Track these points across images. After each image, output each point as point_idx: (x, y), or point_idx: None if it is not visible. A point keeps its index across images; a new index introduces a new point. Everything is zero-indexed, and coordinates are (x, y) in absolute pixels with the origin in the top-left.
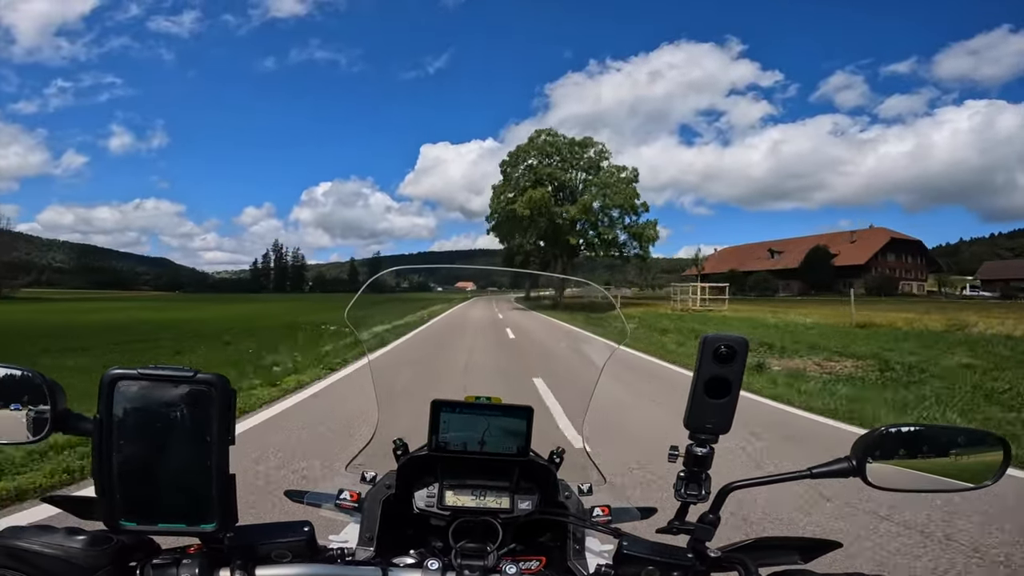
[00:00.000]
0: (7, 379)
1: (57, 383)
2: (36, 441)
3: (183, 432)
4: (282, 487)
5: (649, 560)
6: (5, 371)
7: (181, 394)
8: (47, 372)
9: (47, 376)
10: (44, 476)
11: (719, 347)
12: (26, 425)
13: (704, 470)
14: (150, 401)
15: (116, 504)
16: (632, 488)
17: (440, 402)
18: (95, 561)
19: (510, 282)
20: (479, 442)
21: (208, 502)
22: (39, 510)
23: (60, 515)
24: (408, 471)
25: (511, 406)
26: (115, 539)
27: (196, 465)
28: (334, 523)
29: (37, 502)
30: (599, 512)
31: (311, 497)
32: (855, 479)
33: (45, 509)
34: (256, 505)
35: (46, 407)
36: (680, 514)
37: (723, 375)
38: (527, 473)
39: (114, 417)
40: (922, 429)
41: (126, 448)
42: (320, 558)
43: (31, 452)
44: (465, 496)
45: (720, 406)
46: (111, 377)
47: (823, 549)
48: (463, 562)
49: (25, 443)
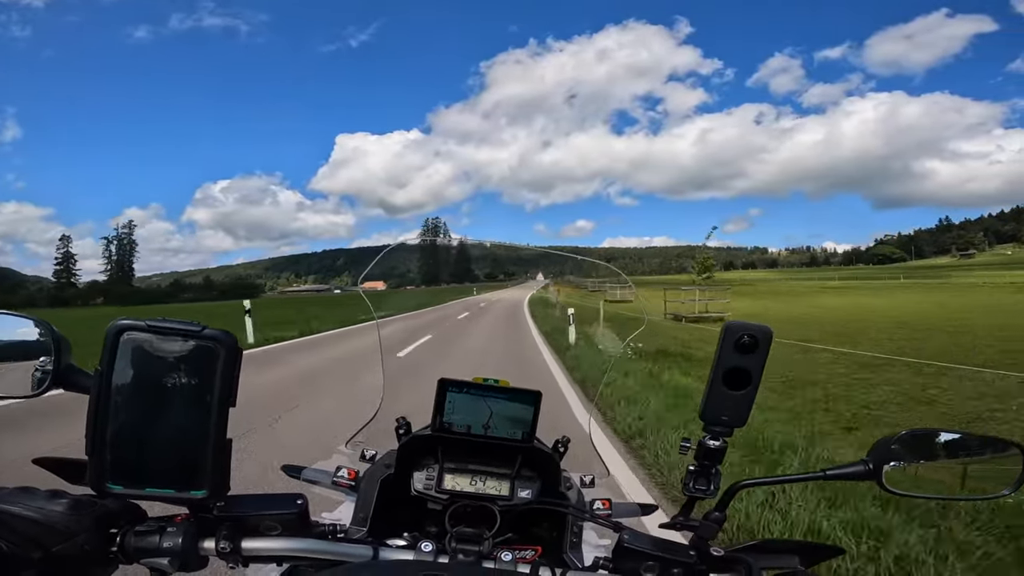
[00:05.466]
0: (17, 330)
1: (64, 337)
2: (34, 395)
3: (184, 391)
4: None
5: (649, 555)
6: (16, 321)
7: (186, 349)
8: None
9: (54, 328)
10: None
11: (741, 336)
12: (30, 379)
13: (715, 464)
14: (154, 355)
15: (105, 466)
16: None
17: (447, 381)
18: (74, 525)
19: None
20: (484, 425)
21: (201, 468)
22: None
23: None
24: (408, 451)
25: (519, 390)
26: (98, 503)
27: (193, 427)
28: (330, 501)
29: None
30: (600, 505)
31: (308, 473)
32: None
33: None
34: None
35: (50, 361)
36: (686, 509)
37: (744, 366)
38: (529, 460)
39: (115, 371)
40: (942, 434)
41: (123, 406)
42: (310, 533)
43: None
44: (464, 480)
45: (738, 398)
46: (117, 328)
47: (825, 554)
48: (457, 546)
49: (23, 397)
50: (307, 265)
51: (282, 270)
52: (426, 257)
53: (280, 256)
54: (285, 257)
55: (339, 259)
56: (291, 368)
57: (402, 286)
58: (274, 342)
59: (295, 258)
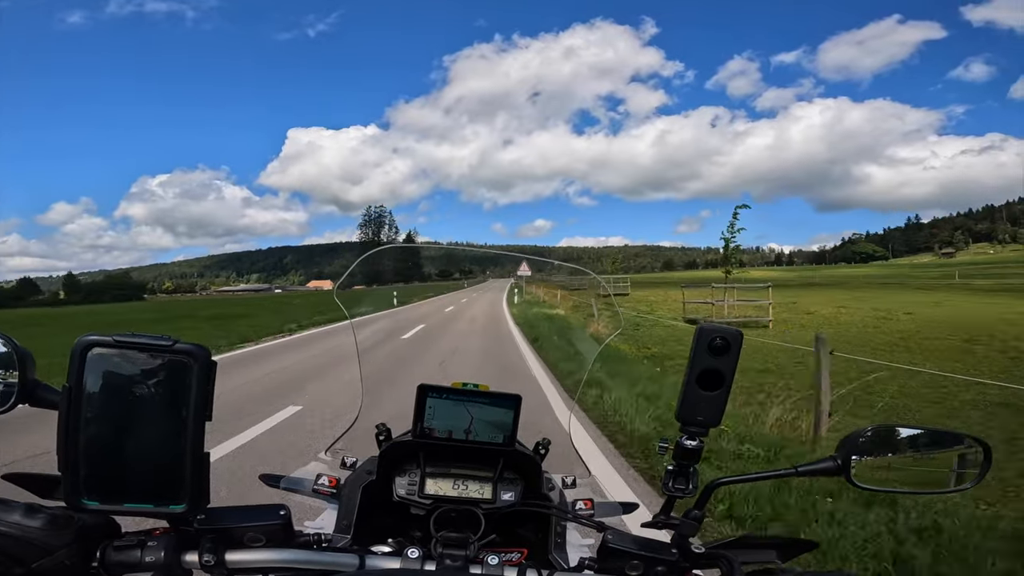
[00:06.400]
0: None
1: (28, 351)
2: (1, 413)
3: (157, 406)
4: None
5: (633, 554)
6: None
7: (158, 365)
8: None
9: (18, 342)
10: None
11: (714, 339)
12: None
13: (692, 464)
14: (124, 371)
15: (79, 481)
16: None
17: (427, 387)
18: (54, 541)
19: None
20: (465, 430)
21: (179, 482)
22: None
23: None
24: (390, 457)
25: (499, 394)
26: (76, 518)
27: (168, 442)
28: (311, 509)
29: None
30: (582, 505)
31: (287, 482)
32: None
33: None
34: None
35: (14, 377)
36: (666, 508)
37: (717, 367)
38: (511, 463)
39: (84, 387)
40: (907, 430)
41: (94, 422)
42: (294, 543)
43: None
44: (447, 485)
45: (712, 398)
46: (84, 344)
47: (801, 548)
48: (444, 551)
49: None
50: (250, 263)
51: (223, 268)
52: (363, 252)
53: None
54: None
55: (286, 257)
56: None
57: (351, 286)
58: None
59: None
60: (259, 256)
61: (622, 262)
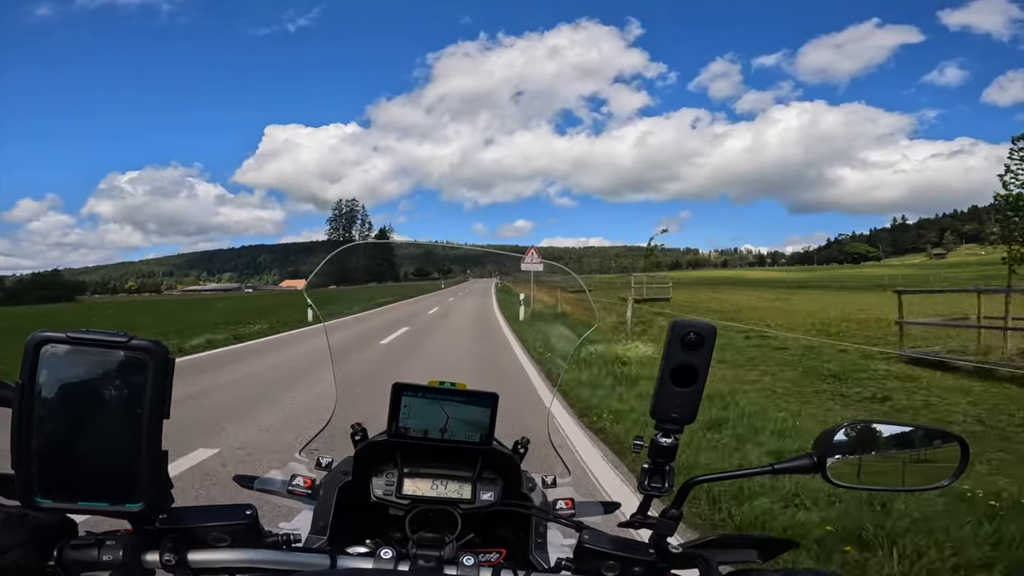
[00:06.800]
0: None
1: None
2: None
3: (112, 403)
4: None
5: (610, 555)
6: None
7: (113, 361)
8: None
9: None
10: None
11: (687, 334)
12: None
13: (668, 462)
14: (78, 368)
15: (33, 479)
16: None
17: (402, 385)
18: (7, 540)
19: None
20: (441, 429)
21: (136, 481)
22: None
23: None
24: (366, 457)
25: (476, 392)
26: (30, 516)
27: (125, 440)
28: (285, 511)
29: None
30: (563, 505)
31: (262, 482)
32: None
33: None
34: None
35: None
36: (643, 507)
37: (690, 363)
38: (490, 463)
39: (37, 384)
40: (883, 426)
41: (48, 419)
42: (263, 544)
43: None
44: (425, 485)
45: (686, 395)
46: (36, 340)
47: (780, 548)
48: (418, 552)
49: None
50: (222, 262)
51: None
52: (334, 250)
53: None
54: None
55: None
56: None
57: (322, 285)
58: None
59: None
60: (232, 255)
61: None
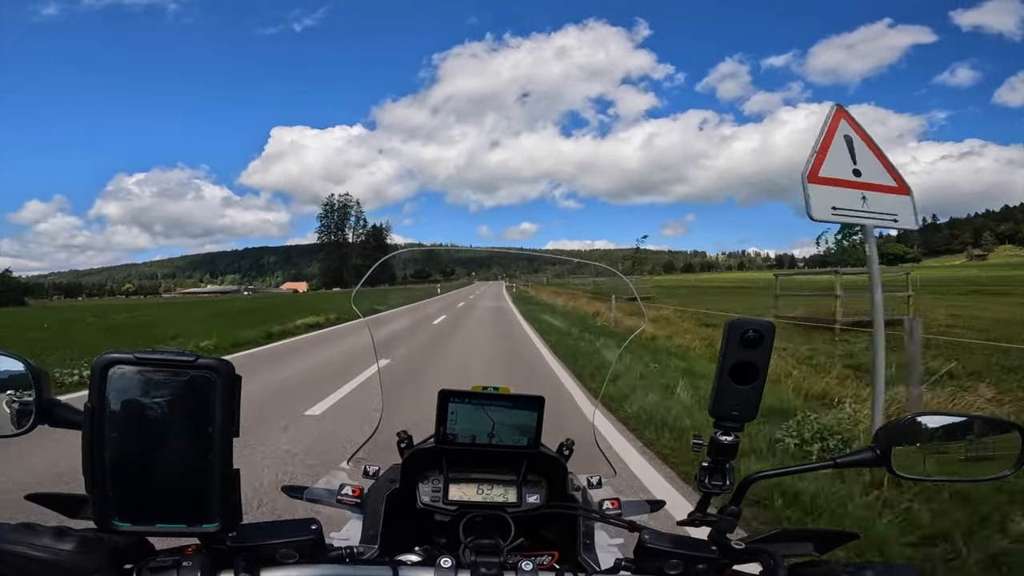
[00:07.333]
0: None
1: (43, 370)
2: (20, 434)
3: (182, 423)
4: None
5: (672, 553)
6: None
7: (181, 381)
8: None
9: (32, 362)
10: None
11: (746, 331)
12: (10, 416)
13: (729, 459)
14: (146, 389)
15: (108, 502)
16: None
17: (448, 392)
18: (87, 564)
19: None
20: (488, 434)
21: (209, 500)
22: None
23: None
24: (412, 465)
25: (521, 396)
26: (106, 539)
27: (196, 460)
28: (335, 520)
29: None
30: (609, 505)
31: (311, 493)
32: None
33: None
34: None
35: (31, 396)
36: (701, 505)
37: (750, 360)
38: (535, 466)
39: (107, 406)
40: (941, 417)
41: (119, 441)
42: (327, 558)
43: None
44: (470, 490)
45: (746, 392)
46: (104, 362)
47: (840, 540)
48: (477, 559)
49: (8, 436)
50: (226, 264)
51: (196, 269)
52: (328, 251)
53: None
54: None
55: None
56: None
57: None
58: None
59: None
60: (236, 257)
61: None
